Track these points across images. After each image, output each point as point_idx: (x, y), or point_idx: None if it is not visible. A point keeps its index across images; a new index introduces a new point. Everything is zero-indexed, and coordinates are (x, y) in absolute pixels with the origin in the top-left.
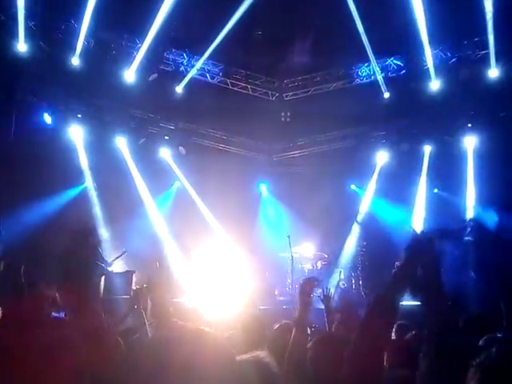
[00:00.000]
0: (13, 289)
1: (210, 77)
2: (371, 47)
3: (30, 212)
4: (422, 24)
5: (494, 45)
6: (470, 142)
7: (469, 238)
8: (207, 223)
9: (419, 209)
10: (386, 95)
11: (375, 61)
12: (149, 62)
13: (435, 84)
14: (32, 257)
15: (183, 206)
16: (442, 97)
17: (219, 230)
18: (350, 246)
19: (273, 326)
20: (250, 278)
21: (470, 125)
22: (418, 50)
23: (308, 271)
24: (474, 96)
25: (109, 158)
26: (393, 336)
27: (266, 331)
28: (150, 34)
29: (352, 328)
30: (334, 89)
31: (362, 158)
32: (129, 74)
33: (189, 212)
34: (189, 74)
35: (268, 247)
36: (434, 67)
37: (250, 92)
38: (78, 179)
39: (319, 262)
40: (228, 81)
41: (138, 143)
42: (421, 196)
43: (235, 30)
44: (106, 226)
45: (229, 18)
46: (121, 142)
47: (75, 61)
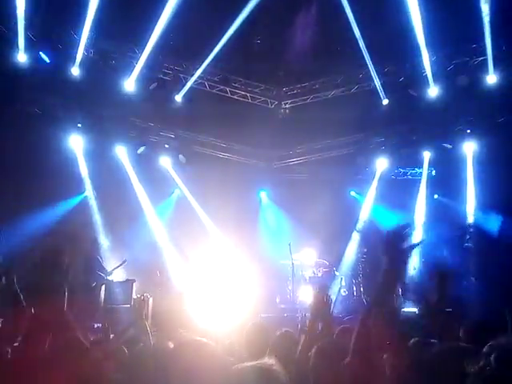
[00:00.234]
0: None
1: (210, 85)
2: (369, 54)
3: (31, 221)
4: (420, 31)
5: (491, 51)
6: (469, 148)
7: (469, 244)
8: (207, 231)
9: (419, 214)
10: (385, 102)
11: (374, 68)
12: (148, 72)
13: (434, 90)
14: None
15: (183, 214)
16: (440, 103)
17: (219, 238)
18: (351, 252)
19: (274, 333)
20: (252, 286)
21: (468, 131)
22: (417, 56)
23: (309, 278)
24: (473, 102)
25: (109, 167)
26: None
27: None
28: (149, 43)
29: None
30: (333, 96)
31: (361, 164)
32: (128, 84)
33: (189, 220)
34: (188, 83)
35: (268, 254)
36: (433, 74)
37: (250, 100)
38: (78, 188)
39: (320, 269)
40: (227, 89)
41: (137, 151)
42: (421, 202)
43: (234, 38)
44: (107, 234)
45: (228, 26)
46: (121, 151)
47: (75, 71)
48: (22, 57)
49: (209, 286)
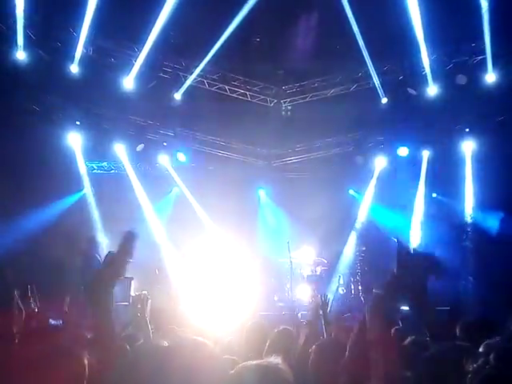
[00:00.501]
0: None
1: (209, 83)
2: (369, 53)
3: (29, 219)
4: (420, 30)
5: (490, 50)
6: (468, 147)
7: (467, 243)
8: (206, 229)
9: (418, 213)
10: (384, 101)
11: (373, 66)
12: (147, 70)
13: (433, 89)
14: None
15: (182, 213)
16: (439, 102)
17: (218, 236)
18: (349, 251)
19: (273, 331)
20: (250, 284)
21: (467, 129)
22: (416, 55)
23: (307, 277)
24: (472, 101)
25: (108, 165)
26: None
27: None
28: (148, 41)
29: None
30: (332, 95)
31: (360, 163)
32: (127, 82)
33: (188, 218)
34: (187, 81)
35: (267, 253)
36: (432, 72)
37: (249, 98)
38: (76, 186)
39: (318, 268)
40: (226, 87)
41: (136, 149)
42: (419, 200)
43: (233, 36)
44: (105, 232)
45: (227, 24)
46: (119, 149)
47: (74, 68)
48: (21, 55)
49: (207, 284)
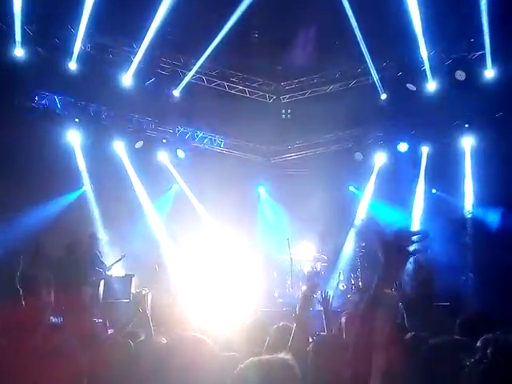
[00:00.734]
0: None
1: (207, 80)
2: (368, 49)
3: (29, 217)
4: (418, 25)
5: (489, 45)
6: (468, 143)
7: (466, 239)
8: (205, 226)
9: (417, 209)
10: (383, 97)
11: (372, 62)
12: (146, 66)
13: (432, 85)
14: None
15: (182, 209)
16: (438, 98)
17: (218, 233)
18: (349, 247)
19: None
20: (250, 281)
21: (467, 125)
22: (415, 51)
23: (308, 273)
24: (471, 97)
25: (107, 162)
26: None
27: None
28: (146, 37)
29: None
30: (331, 91)
31: (359, 159)
32: (126, 78)
33: (187, 215)
34: (186, 78)
35: (267, 249)
36: (431, 68)
37: (248, 95)
38: (76, 183)
39: (318, 264)
40: (225, 84)
41: (135, 146)
42: (419, 196)
43: (232, 32)
44: (105, 229)
45: (225, 21)
46: (119, 146)
47: (72, 65)
48: (19, 51)
49: (207, 281)
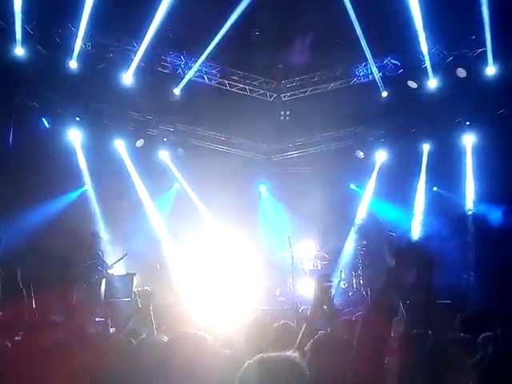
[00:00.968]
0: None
1: (208, 78)
2: (368, 46)
3: (31, 216)
4: (420, 23)
5: (491, 42)
6: (469, 140)
7: (468, 236)
8: (207, 224)
9: (418, 207)
10: (384, 94)
11: (373, 60)
12: (146, 65)
13: (433, 82)
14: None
15: (183, 208)
16: (439, 95)
17: (219, 231)
18: (350, 245)
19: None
20: (252, 279)
21: (468, 123)
22: (416, 48)
23: (309, 271)
24: (472, 94)
25: (108, 161)
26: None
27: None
28: (147, 36)
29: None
30: (332, 89)
31: (360, 157)
32: (127, 77)
33: (188, 213)
34: (187, 76)
35: (268, 247)
36: (432, 66)
37: (248, 93)
38: (77, 182)
39: (319, 262)
40: (226, 82)
41: (136, 144)
42: (420, 194)
43: (232, 31)
44: (107, 228)
45: (226, 19)
46: (119, 145)
47: (73, 64)
48: (19, 50)
49: (209, 279)
